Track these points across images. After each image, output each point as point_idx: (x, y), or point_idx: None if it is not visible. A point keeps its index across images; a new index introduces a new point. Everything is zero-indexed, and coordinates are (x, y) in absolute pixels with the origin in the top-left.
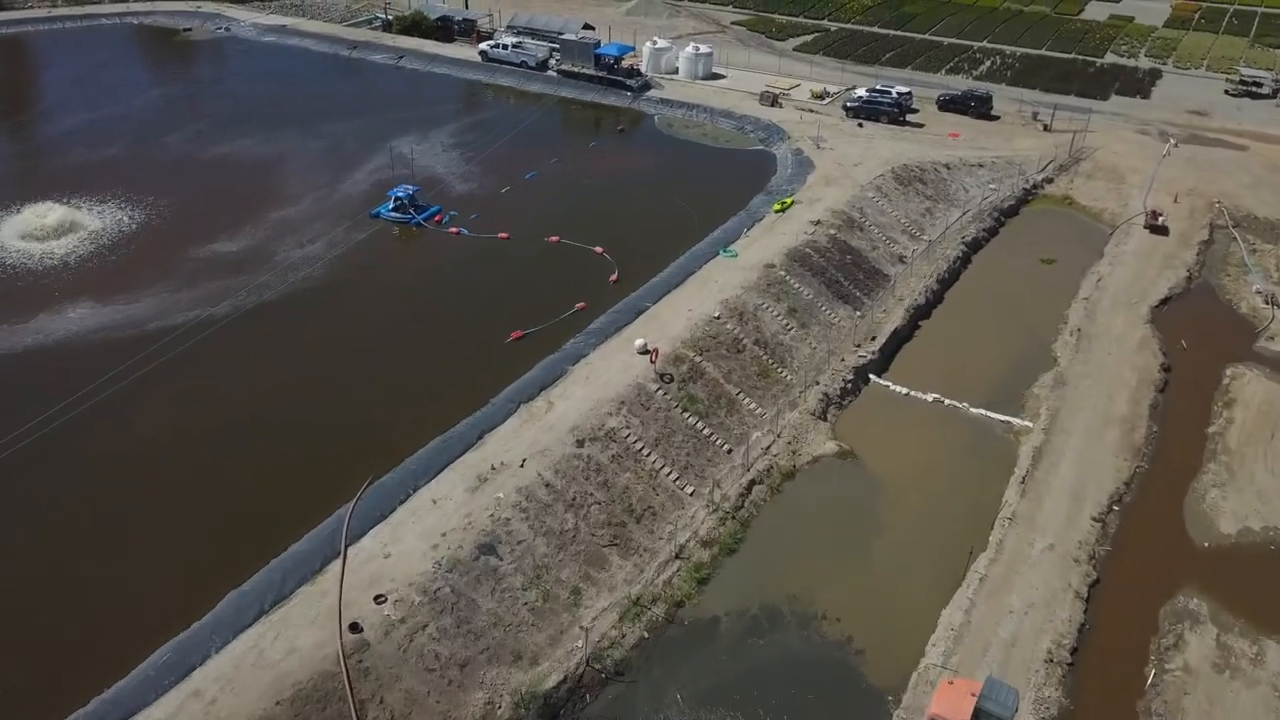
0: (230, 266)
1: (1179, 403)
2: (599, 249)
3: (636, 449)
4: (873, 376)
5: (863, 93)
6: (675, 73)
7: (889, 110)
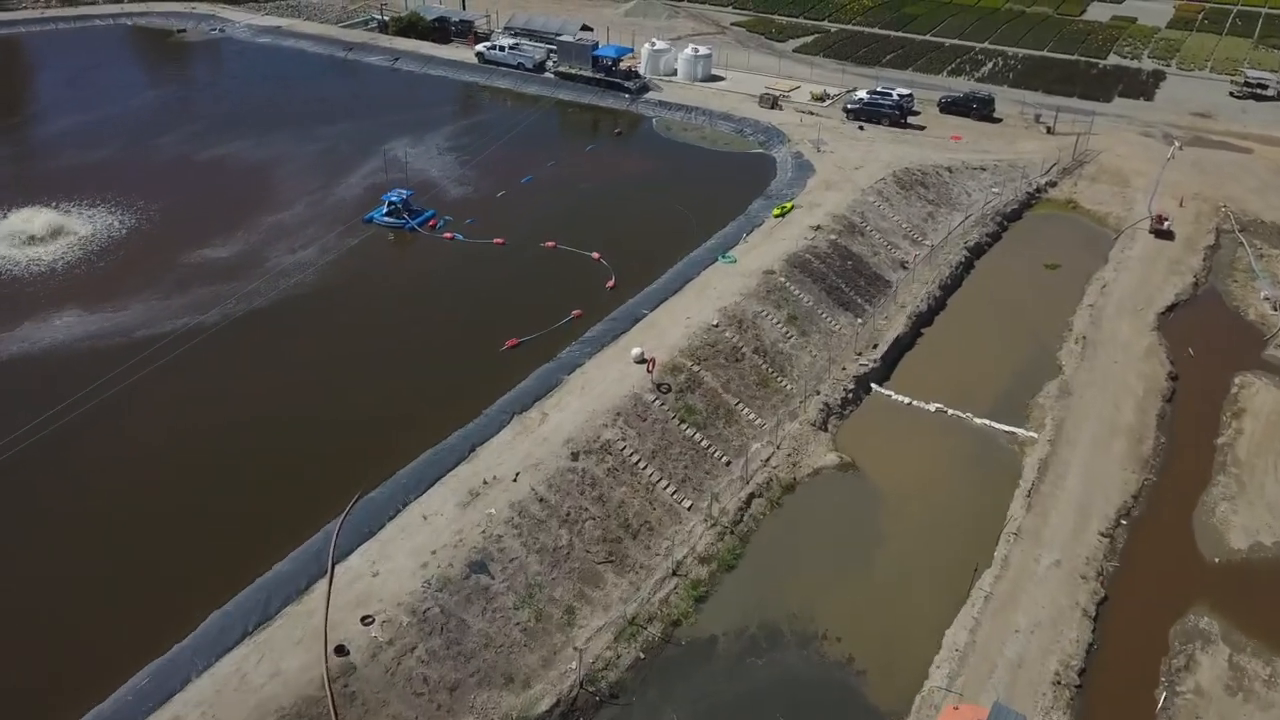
0: (221, 272)
1: (1187, 413)
2: (596, 255)
3: (633, 462)
4: (874, 386)
5: (863, 95)
6: (674, 75)
7: (890, 113)
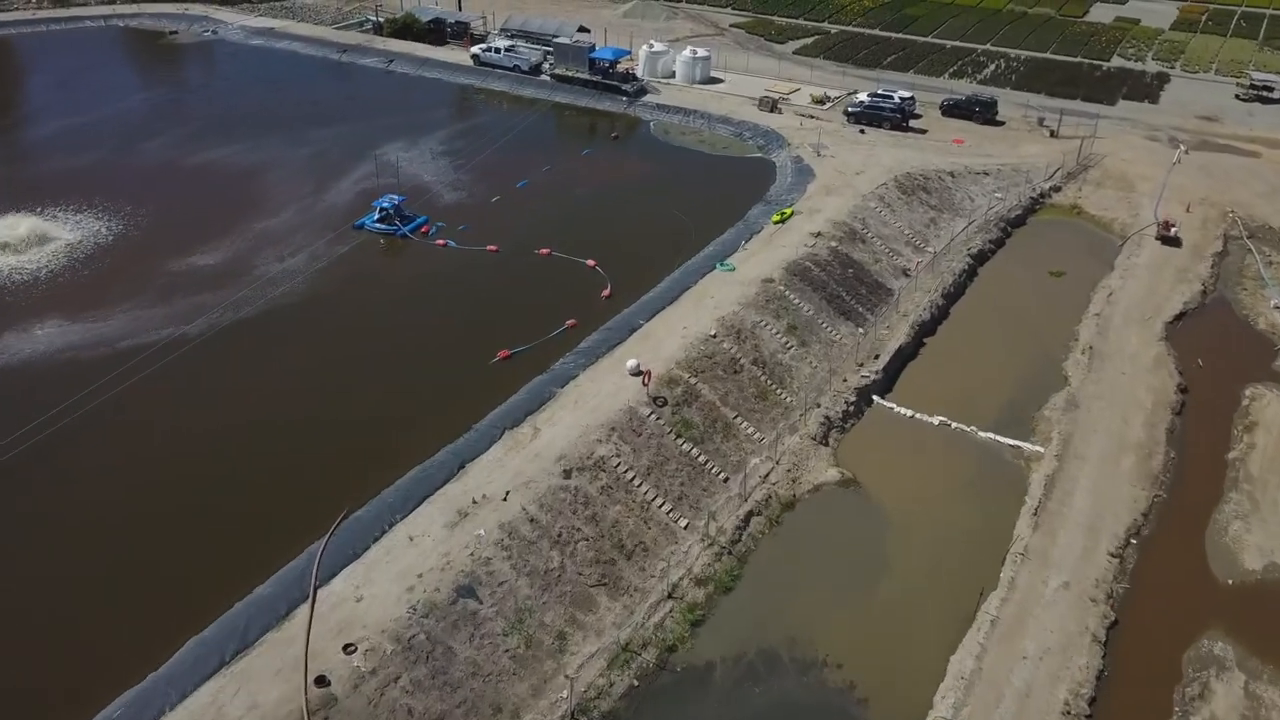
0: (207, 281)
1: (1197, 426)
2: (591, 262)
3: (627, 479)
4: (876, 398)
5: (864, 97)
6: (672, 77)
7: (891, 116)
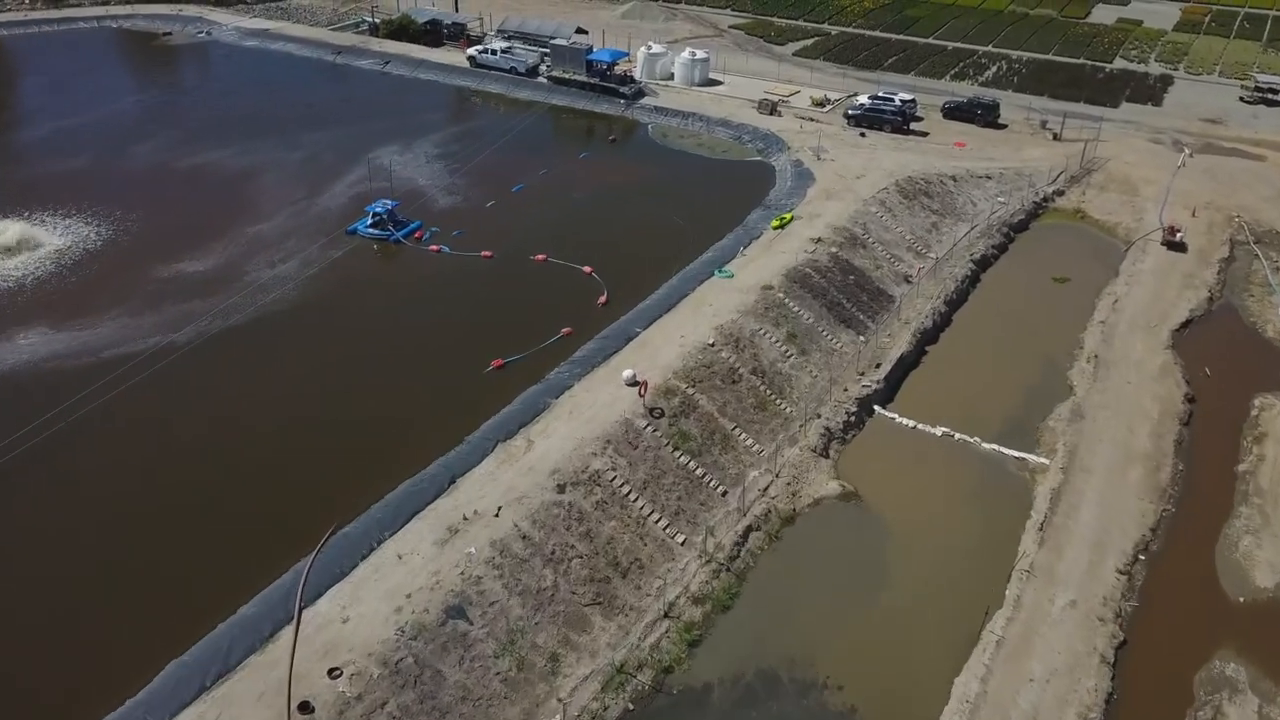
0: (197, 287)
1: (1205, 437)
2: (587, 269)
3: (623, 493)
4: (877, 408)
5: (865, 100)
6: (671, 79)
7: (892, 119)
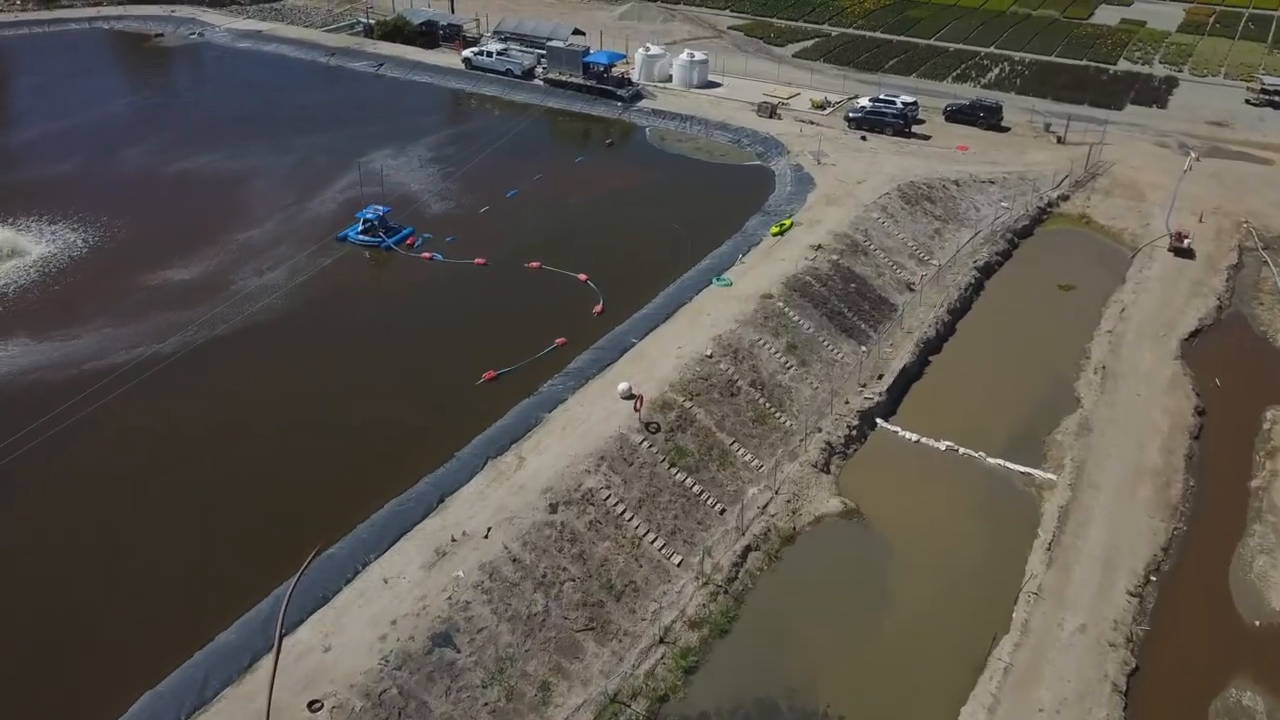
0: (183, 296)
1: (1216, 452)
2: (583, 276)
3: (617, 513)
4: (880, 421)
5: (866, 102)
6: (669, 81)
7: (894, 122)
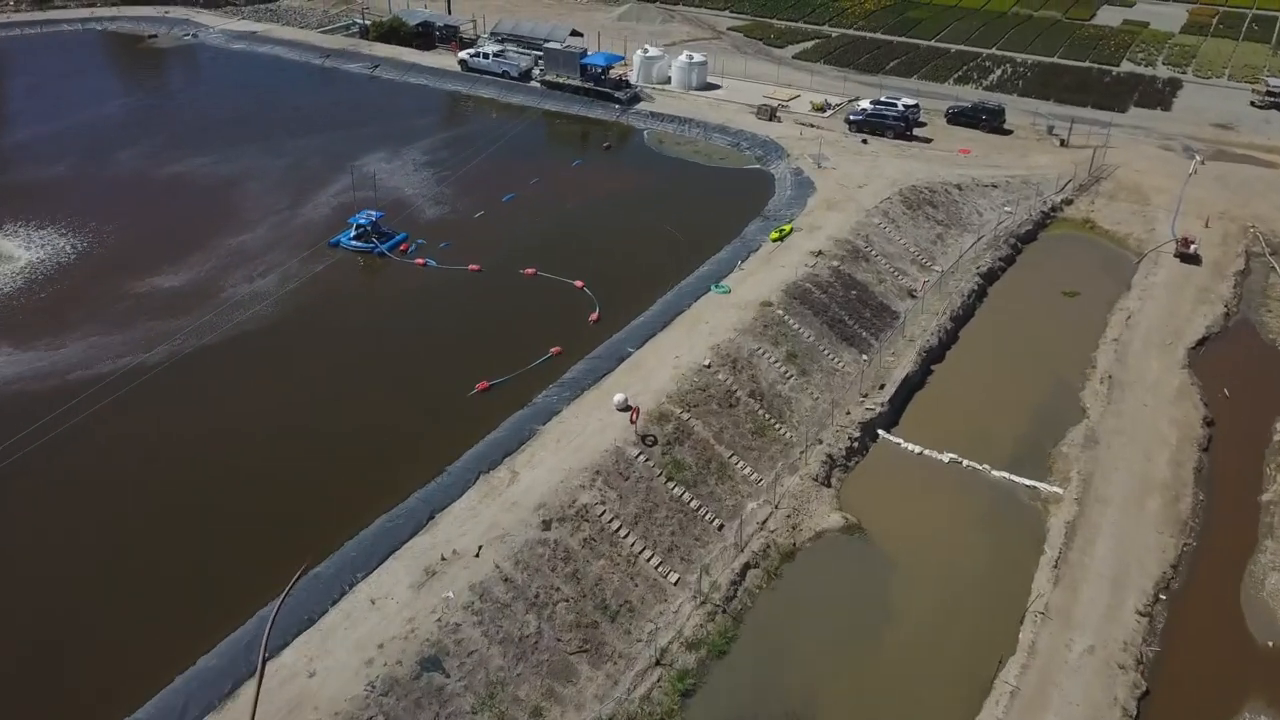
0: (172, 304)
1: (1226, 465)
2: (579, 283)
3: (613, 529)
4: (881, 432)
5: (866, 105)
6: (667, 83)
7: (895, 124)
